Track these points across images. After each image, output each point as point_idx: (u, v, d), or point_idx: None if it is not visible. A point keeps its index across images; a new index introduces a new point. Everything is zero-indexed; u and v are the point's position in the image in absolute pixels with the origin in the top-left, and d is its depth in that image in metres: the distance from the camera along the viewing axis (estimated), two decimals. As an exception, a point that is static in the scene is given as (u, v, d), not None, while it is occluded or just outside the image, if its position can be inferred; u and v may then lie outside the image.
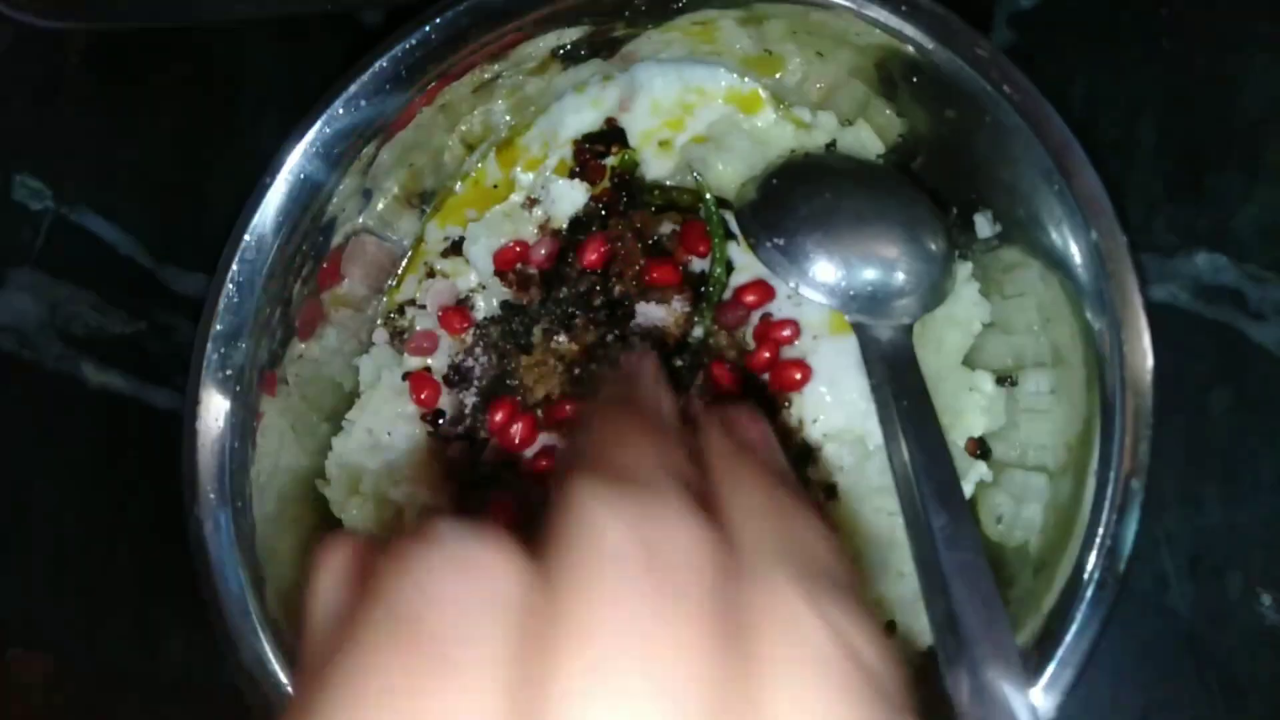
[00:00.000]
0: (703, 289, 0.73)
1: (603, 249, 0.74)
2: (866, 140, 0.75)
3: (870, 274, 0.69)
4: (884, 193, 0.71)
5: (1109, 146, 0.81)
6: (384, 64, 0.67)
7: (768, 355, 0.71)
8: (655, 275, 0.73)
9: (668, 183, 0.77)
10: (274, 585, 0.68)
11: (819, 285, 0.69)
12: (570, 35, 0.72)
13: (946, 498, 0.61)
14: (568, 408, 0.71)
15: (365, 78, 0.67)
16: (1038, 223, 0.66)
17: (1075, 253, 0.64)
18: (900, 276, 0.69)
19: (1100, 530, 0.60)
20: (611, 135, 0.78)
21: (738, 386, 0.71)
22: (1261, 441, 0.78)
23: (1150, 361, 0.61)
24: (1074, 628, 0.59)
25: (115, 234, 0.88)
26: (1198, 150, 0.81)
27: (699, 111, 0.77)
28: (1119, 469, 0.60)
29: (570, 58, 0.75)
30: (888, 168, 0.75)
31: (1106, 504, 0.60)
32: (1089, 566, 0.60)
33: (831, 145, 0.76)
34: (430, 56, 0.68)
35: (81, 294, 0.87)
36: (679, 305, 0.73)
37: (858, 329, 0.70)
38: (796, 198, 0.71)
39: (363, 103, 0.68)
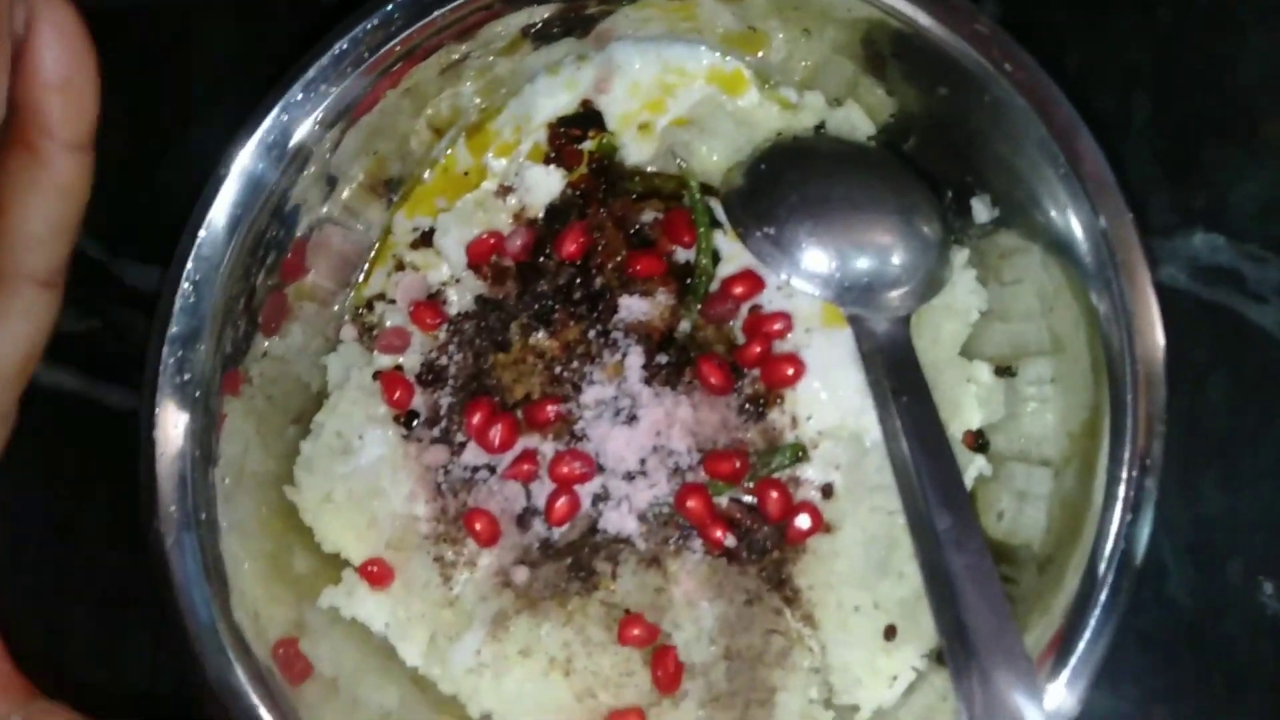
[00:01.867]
0: (688, 280, 0.70)
1: (582, 239, 0.70)
2: (856, 121, 0.72)
3: (865, 263, 0.66)
4: (877, 177, 0.69)
5: (1102, 122, 0.79)
6: (344, 45, 0.63)
7: (758, 350, 0.68)
8: (638, 266, 0.70)
9: (649, 168, 0.74)
10: (239, 598, 0.64)
11: (811, 276, 0.67)
12: (541, 12, 0.68)
13: (950, 498, 0.59)
14: (550, 408, 0.68)
15: (325, 60, 0.63)
16: (1039, 205, 0.63)
17: (1080, 236, 0.61)
18: (896, 265, 0.66)
19: (1113, 532, 0.57)
20: (588, 118, 0.74)
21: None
22: (1261, 426, 0.77)
23: (1162, 352, 0.59)
24: (1088, 634, 0.57)
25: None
26: (1193, 125, 0.79)
27: (680, 92, 0.74)
28: (1131, 469, 0.58)
29: (542, 37, 0.71)
30: (880, 150, 0.72)
31: (1119, 504, 0.57)
32: (1101, 570, 0.57)
33: (820, 127, 0.73)
34: (394, 36, 0.64)
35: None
36: (664, 298, 0.70)
37: (853, 322, 0.67)
38: (786, 184, 0.68)
39: (323, 86, 0.63)
